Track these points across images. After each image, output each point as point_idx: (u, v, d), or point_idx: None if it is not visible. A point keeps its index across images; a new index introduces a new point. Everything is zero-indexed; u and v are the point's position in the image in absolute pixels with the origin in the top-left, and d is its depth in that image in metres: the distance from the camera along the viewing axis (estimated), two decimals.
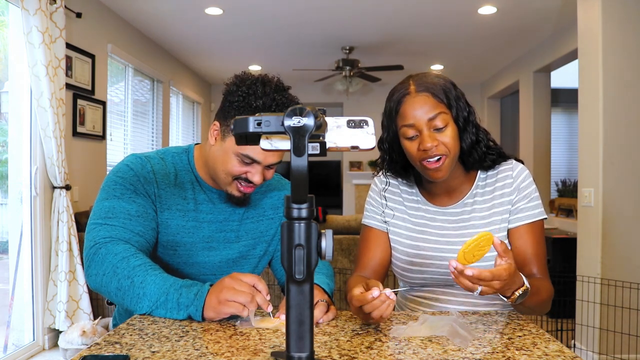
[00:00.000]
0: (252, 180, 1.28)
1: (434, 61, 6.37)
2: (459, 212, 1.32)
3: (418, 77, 1.26)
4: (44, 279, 3.32)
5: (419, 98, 1.21)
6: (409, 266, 1.34)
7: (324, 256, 0.72)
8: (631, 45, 3.08)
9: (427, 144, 1.19)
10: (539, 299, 1.18)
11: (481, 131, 1.29)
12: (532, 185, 1.30)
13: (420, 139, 1.21)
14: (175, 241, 1.32)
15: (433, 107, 1.20)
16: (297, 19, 4.74)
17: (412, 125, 1.21)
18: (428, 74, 1.27)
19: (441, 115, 1.20)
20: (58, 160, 3.29)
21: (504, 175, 1.31)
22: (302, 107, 0.69)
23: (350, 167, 8.16)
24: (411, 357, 0.90)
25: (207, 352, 0.90)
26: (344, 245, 3.58)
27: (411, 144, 1.23)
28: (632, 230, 3.07)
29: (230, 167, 1.26)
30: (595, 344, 3.05)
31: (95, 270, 1.17)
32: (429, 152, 1.20)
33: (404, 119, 1.22)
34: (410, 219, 1.36)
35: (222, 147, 1.28)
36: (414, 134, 1.22)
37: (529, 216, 1.28)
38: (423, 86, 1.22)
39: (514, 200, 1.29)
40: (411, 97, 1.22)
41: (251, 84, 1.25)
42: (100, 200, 1.27)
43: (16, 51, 3.25)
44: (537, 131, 5.64)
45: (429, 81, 1.23)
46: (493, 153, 1.30)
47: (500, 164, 1.32)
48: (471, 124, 1.26)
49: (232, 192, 1.31)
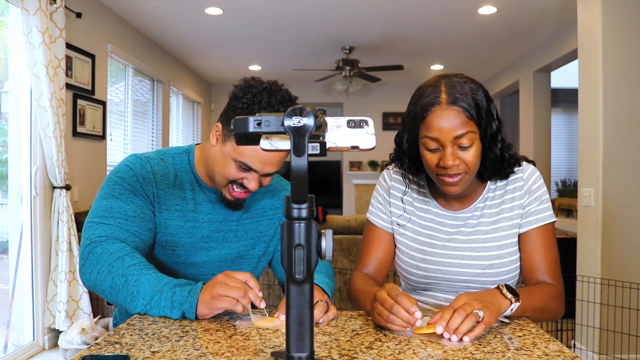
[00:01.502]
0: (247, 187, 1.28)
1: (434, 61, 6.37)
2: (468, 216, 1.30)
3: (451, 83, 1.15)
4: (44, 279, 3.32)
5: (449, 112, 1.12)
6: (413, 269, 1.32)
7: (324, 256, 0.72)
8: (631, 45, 3.08)
9: (448, 162, 1.13)
10: (536, 302, 1.15)
11: (505, 146, 1.22)
12: (542, 187, 1.27)
13: (443, 154, 1.14)
14: (173, 241, 1.33)
15: (462, 124, 1.12)
16: (297, 19, 4.74)
17: (437, 139, 1.14)
18: (462, 80, 1.17)
19: (469, 135, 1.13)
20: (58, 160, 3.29)
21: (514, 178, 1.27)
22: (302, 107, 0.69)
23: (350, 167, 8.16)
24: (411, 357, 0.90)
25: (207, 352, 0.90)
26: (344, 245, 3.58)
27: (431, 156, 1.17)
28: (632, 230, 3.07)
29: (228, 171, 1.27)
30: (595, 344, 3.05)
31: (90, 268, 1.18)
32: (449, 170, 1.15)
33: (429, 130, 1.14)
34: (419, 221, 1.33)
35: (221, 150, 1.28)
36: (436, 147, 1.15)
37: (540, 219, 1.25)
38: (456, 99, 1.13)
39: (525, 203, 1.26)
40: (441, 108, 1.13)
41: (257, 92, 1.24)
42: (99, 199, 1.28)
43: (16, 51, 3.25)
44: (537, 131, 5.64)
45: (463, 94, 1.13)
46: (512, 166, 1.25)
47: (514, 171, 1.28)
48: (497, 141, 1.19)
49: (225, 194, 1.31)
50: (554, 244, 1.27)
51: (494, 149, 1.19)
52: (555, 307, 1.22)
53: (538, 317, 1.18)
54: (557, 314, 1.24)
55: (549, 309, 1.20)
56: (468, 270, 1.26)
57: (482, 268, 1.25)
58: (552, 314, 1.22)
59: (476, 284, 1.26)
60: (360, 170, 8.13)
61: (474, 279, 1.26)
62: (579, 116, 3.33)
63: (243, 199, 1.33)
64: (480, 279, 1.25)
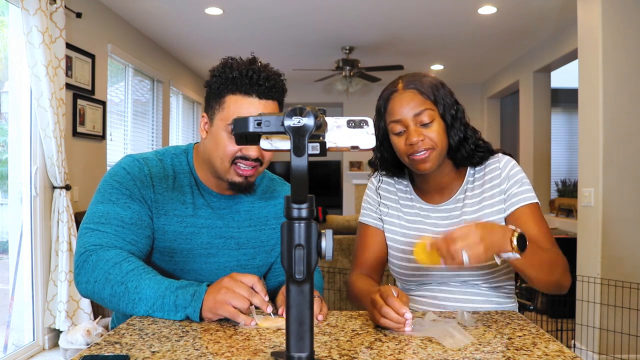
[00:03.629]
0: (248, 156, 1.24)
1: (434, 61, 6.37)
2: (451, 208, 1.34)
3: (407, 76, 1.30)
4: (44, 279, 3.32)
5: (406, 95, 1.26)
6: (405, 263, 1.35)
7: (324, 256, 0.72)
8: (631, 45, 3.08)
9: (413, 139, 1.23)
10: (543, 257, 1.15)
11: (469, 129, 1.32)
12: (520, 172, 1.31)
13: (407, 133, 1.25)
14: (172, 248, 1.29)
15: (419, 103, 1.25)
16: (297, 19, 4.74)
17: (399, 120, 1.25)
18: (417, 74, 1.31)
19: (427, 112, 1.24)
20: (58, 160, 3.29)
21: (491, 168, 1.33)
22: (302, 107, 0.69)
23: (350, 167, 8.16)
24: (411, 357, 0.90)
25: (207, 352, 0.90)
26: (344, 245, 3.58)
27: (399, 140, 1.27)
28: (632, 230, 3.07)
29: (223, 147, 1.23)
30: (595, 344, 3.05)
31: (85, 277, 1.15)
32: (415, 146, 1.23)
33: (392, 115, 1.27)
34: (405, 217, 1.38)
35: (211, 132, 1.26)
36: (401, 129, 1.26)
37: (524, 199, 1.28)
38: (410, 84, 1.27)
39: (506, 188, 1.30)
40: (398, 94, 1.27)
41: (224, 63, 1.27)
42: (95, 203, 1.24)
43: (16, 51, 3.25)
44: (537, 131, 5.64)
45: (417, 79, 1.28)
46: (482, 150, 1.32)
47: (488, 159, 1.34)
48: (459, 121, 1.29)
49: (232, 178, 1.26)
50: (544, 220, 1.29)
51: (456, 127, 1.28)
52: (562, 273, 1.21)
53: (545, 274, 1.17)
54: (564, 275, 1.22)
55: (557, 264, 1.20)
56: None
57: None
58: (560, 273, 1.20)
59: (465, 272, 1.29)
60: (360, 170, 8.13)
61: (462, 267, 1.26)
62: (579, 116, 3.33)
63: (252, 175, 1.27)
64: (468, 266, 1.26)
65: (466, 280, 1.30)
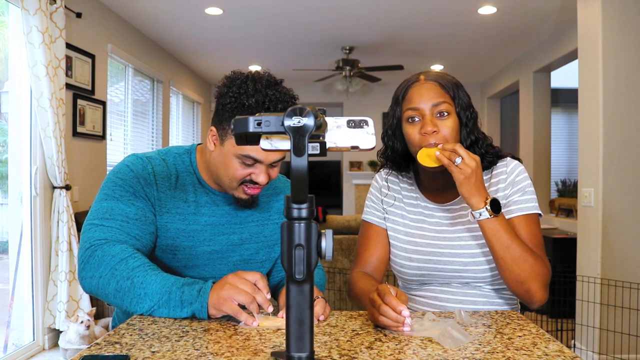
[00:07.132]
0: (257, 181, 1.25)
1: (434, 61, 6.37)
2: (456, 209, 1.34)
3: (428, 71, 1.34)
4: (44, 279, 3.32)
5: (427, 85, 1.28)
6: (407, 262, 1.34)
7: (324, 256, 0.72)
8: (631, 45, 3.08)
9: (428, 127, 1.23)
10: (517, 246, 1.16)
11: (481, 133, 1.33)
12: (526, 180, 1.30)
13: (422, 122, 1.25)
14: (174, 245, 1.30)
15: (439, 94, 1.27)
16: (297, 19, 4.75)
17: (417, 109, 1.26)
18: (439, 72, 1.34)
19: (445, 104, 1.26)
20: (58, 160, 3.29)
21: (498, 172, 1.32)
22: (302, 107, 0.69)
23: (350, 167, 8.16)
24: (411, 357, 0.90)
25: (207, 352, 0.90)
26: (344, 245, 3.58)
27: (413, 129, 1.27)
28: (632, 230, 3.07)
29: (233, 171, 1.24)
30: (595, 344, 3.05)
31: (90, 272, 1.15)
32: (428, 136, 1.24)
33: (410, 102, 1.28)
34: (409, 215, 1.38)
35: (221, 151, 1.25)
36: (417, 115, 1.27)
37: (522, 209, 1.27)
38: (432, 77, 1.30)
39: (508, 194, 1.29)
40: (419, 83, 1.29)
41: (241, 83, 1.23)
42: (99, 200, 1.25)
43: (16, 51, 3.25)
44: (537, 131, 5.64)
45: (439, 75, 1.31)
46: (491, 155, 1.32)
47: (496, 163, 1.34)
48: (472, 122, 1.30)
49: (239, 195, 1.29)
50: (539, 233, 1.27)
51: (470, 127, 1.30)
52: (540, 272, 1.19)
53: (512, 262, 1.17)
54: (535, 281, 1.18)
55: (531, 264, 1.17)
56: (459, 259, 1.29)
57: (472, 257, 1.28)
58: (529, 274, 1.17)
59: (468, 273, 1.29)
60: (360, 170, 8.13)
61: (465, 267, 1.29)
62: (579, 116, 3.33)
63: (257, 194, 1.30)
64: (471, 267, 1.28)
65: (468, 282, 1.30)
